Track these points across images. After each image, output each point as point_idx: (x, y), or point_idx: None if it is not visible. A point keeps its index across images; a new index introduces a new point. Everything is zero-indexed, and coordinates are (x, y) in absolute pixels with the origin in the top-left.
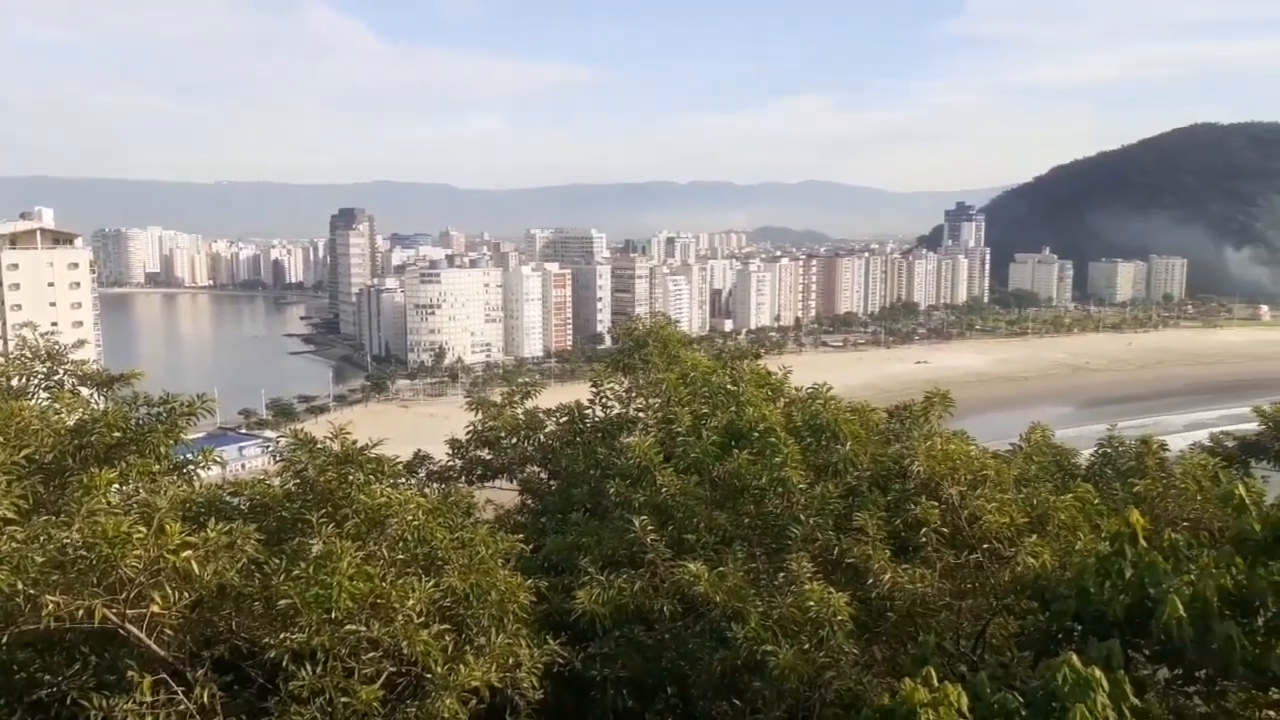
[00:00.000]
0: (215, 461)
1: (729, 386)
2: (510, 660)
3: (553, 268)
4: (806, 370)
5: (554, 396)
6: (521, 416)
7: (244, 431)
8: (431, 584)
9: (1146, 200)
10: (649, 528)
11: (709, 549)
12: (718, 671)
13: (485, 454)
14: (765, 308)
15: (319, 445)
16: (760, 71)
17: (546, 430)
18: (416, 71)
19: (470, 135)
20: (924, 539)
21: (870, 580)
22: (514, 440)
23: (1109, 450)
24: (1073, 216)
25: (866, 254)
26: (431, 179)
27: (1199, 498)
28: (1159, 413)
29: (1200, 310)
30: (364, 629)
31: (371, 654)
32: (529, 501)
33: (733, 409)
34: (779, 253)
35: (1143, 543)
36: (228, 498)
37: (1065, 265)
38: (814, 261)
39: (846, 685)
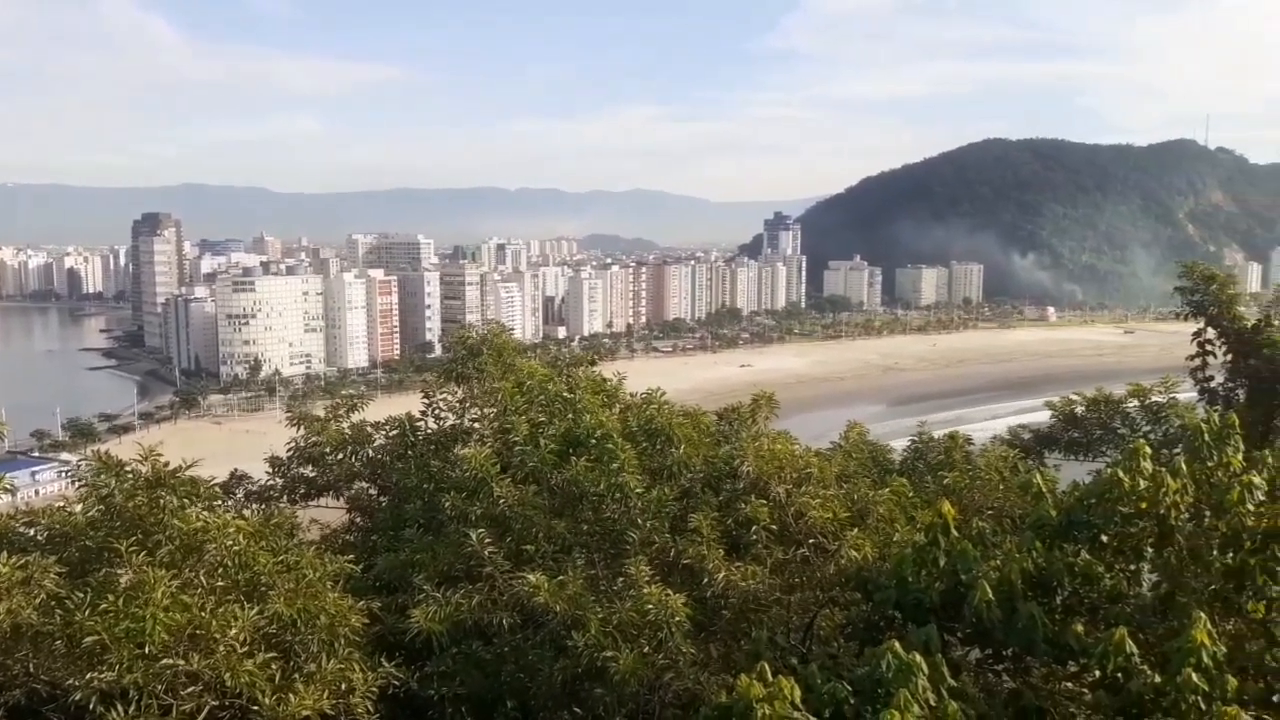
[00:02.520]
0: (4, 489)
1: (565, 394)
2: (343, 685)
3: (377, 274)
4: (639, 376)
5: (382, 408)
6: (347, 430)
7: (37, 455)
8: (255, 611)
9: (946, 209)
10: (486, 540)
11: (548, 558)
12: (558, 681)
13: (309, 471)
14: (598, 314)
15: (126, 468)
16: (586, 80)
17: (375, 444)
18: (224, 69)
19: (285, 136)
20: (754, 536)
21: (706, 580)
22: (340, 456)
23: (920, 445)
24: (881, 225)
25: (693, 262)
26: (244, 182)
27: (1001, 487)
28: (962, 408)
29: (996, 312)
30: (182, 662)
31: (191, 689)
32: (358, 519)
33: (570, 416)
34: (610, 260)
35: (954, 532)
36: (21, 528)
37: (875, 271)
38: (644, 269)
39: (685, 685)
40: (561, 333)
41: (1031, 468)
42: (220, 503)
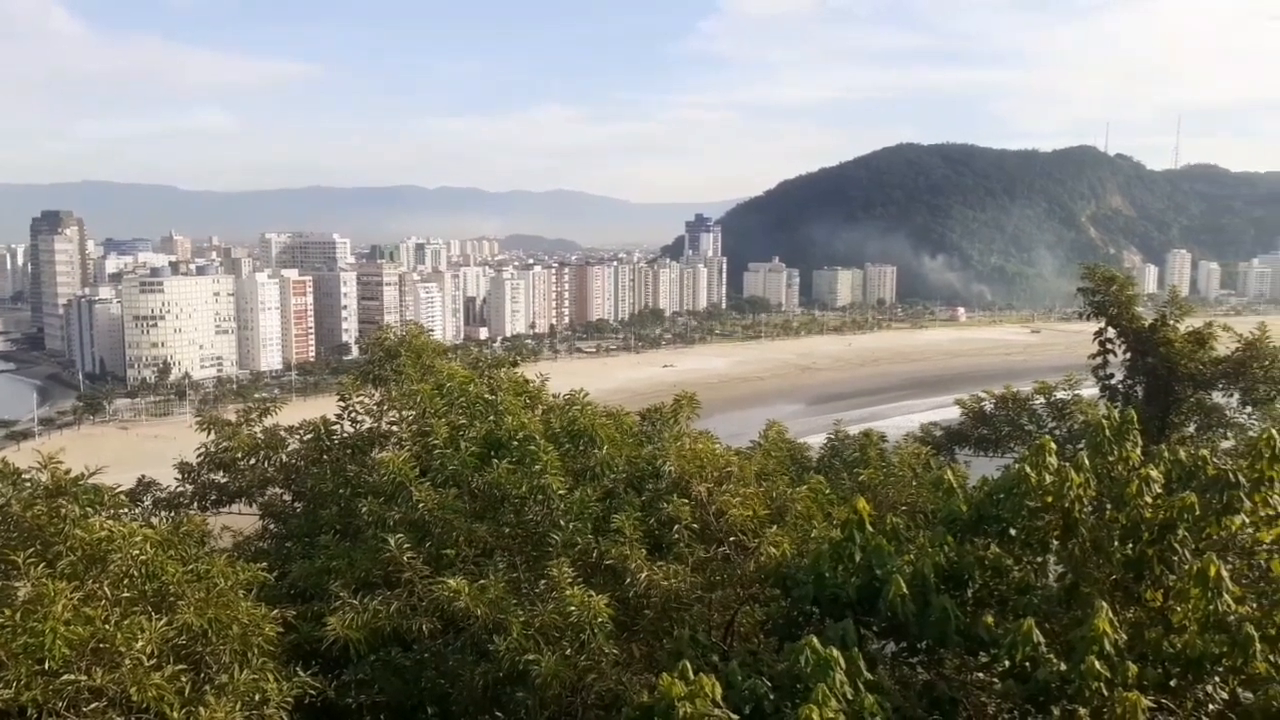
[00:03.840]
0: None
1: (487, 396)
2: (256, 696)
3: (291, 274)
4: (562, 376)
5: (297, 412)
6: (260, 435)
7: None
8: (163, 622)
9: (861, 212)
10: (405, 545)
11: (469, 562)
12: (479, 686)
13: (220, 477)
14: (520, 315)
15: (24, 476)
16: (506, 80)
17: (289, 449)
18: (129, 62)
19: (194, 133)
20: (676, 535)
21: (628, 580)
22: (252, 461)
23: (836, 443)
24: (798, 227)
25: (615, 263)
26: (150, 179)
27: (914, 484)
28: (877, 406)
29: (909, 313)
30: (84, 678)
31: (95, 704)
32: (271, 526)
33: (491, 418)
34: (532, 260)
35: (869, 528)
36: None
37: (793, 273)
38: (566, 270)
39: (608, 686)
40: (483, 334)
41: (943, 464)
42: (126, 511)
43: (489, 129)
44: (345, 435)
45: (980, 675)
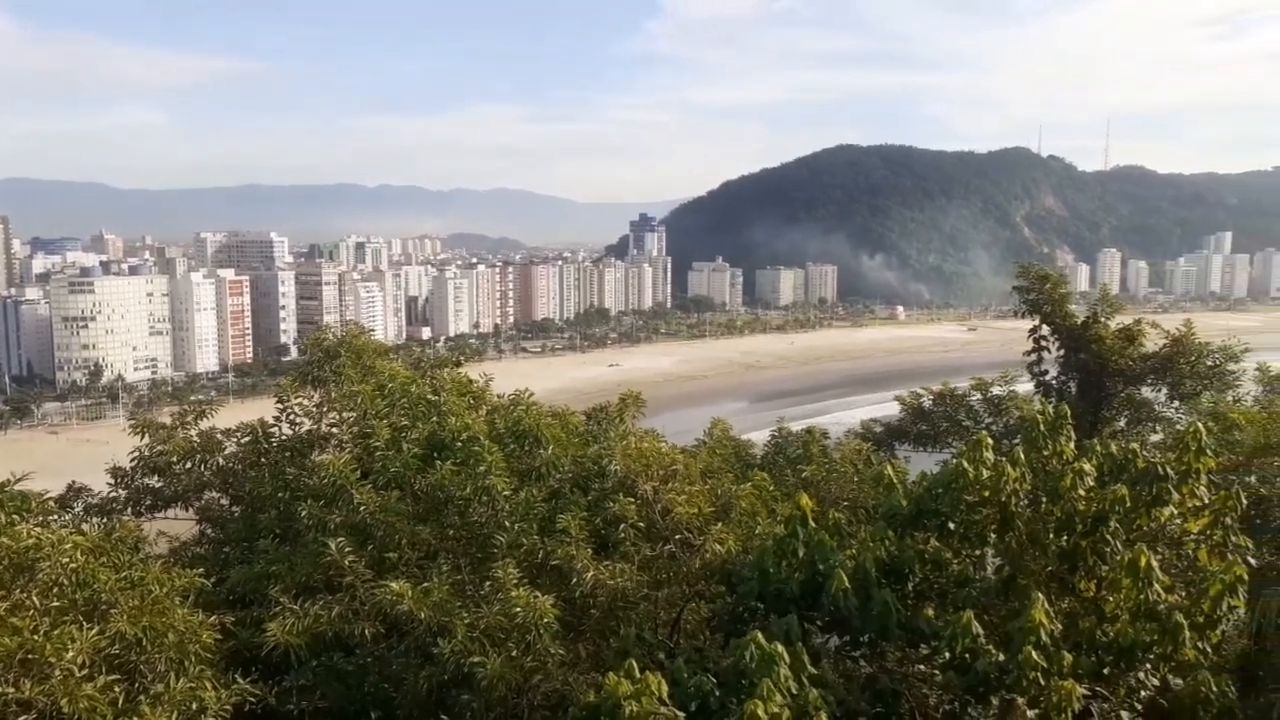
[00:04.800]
0: None
1: (429, 396)
2: (193, 705)
3: (228, 274)
4: (507, 376)
5: (234, 414)
6: (196, 438)
7: None
8: (95, 631)
9: (802, 213)
10: (347, 549)
11: (413, 565)
12: (424, 690)
13: (155, 482)
14: (464, 315)
15: None
16: (448, 78)
17: (226, 452)
18: (57, 57)
19: (125, 130)
20: (622, 534)
21: (574, 580)
22: (188, 465)
23: (780, 440)
24: (741, 227)
25: (560, 262)
26: (80, 176)
27: (855, 479)
28: (819, 403)
29: (850, 312)
30: (12, 690)
31: (24, 717)
32: (209, 531)
33: (434, 419)
34: (475, 260)
35: (812, 524)
36: None
37: (736, 273)
38: (510, 269)
39: (554, 687)
40: (426, 334)
41: (883, 460)
42: (55, 518)
43: (431, 127)
44: (284, 438)
45: (921, 667)
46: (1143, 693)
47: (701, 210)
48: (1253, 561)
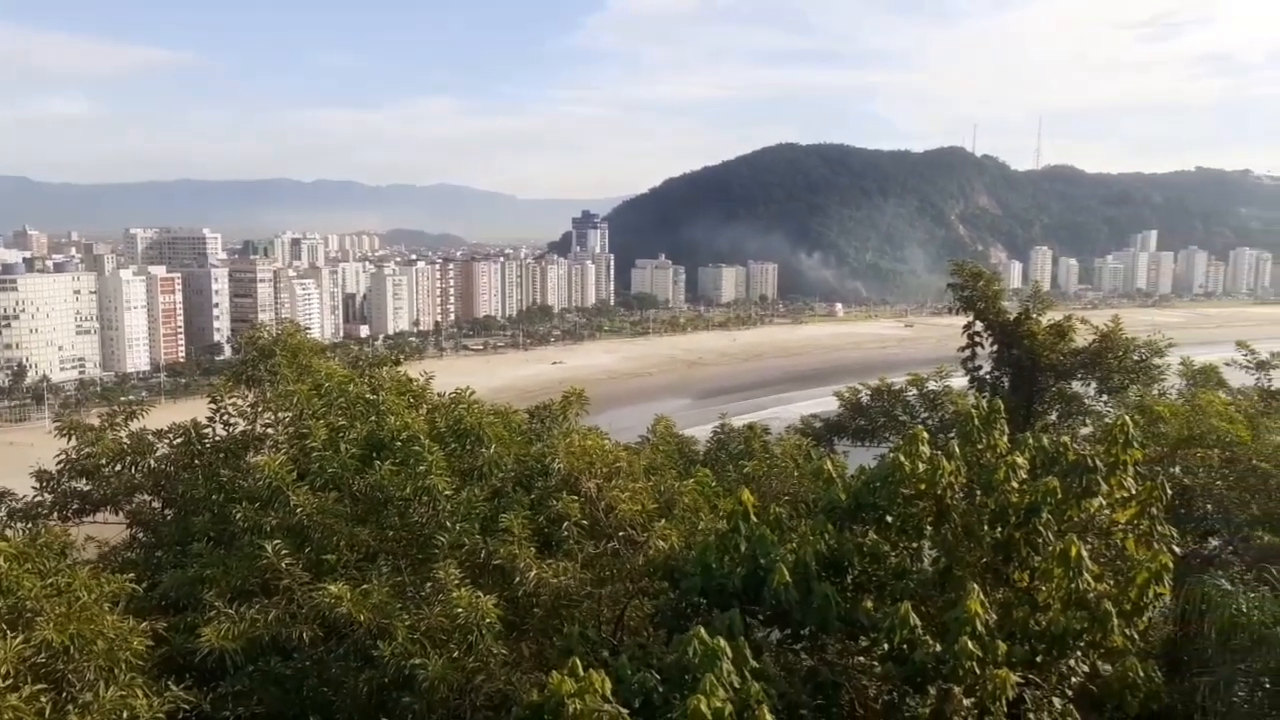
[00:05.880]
0: None
1: (368, 396)
2: (124, 714)
3: (159, 271)
4: (448, 374)
5: (166, 415)
6: (125, 439)
7: None
8: (20, 640)
9: (743, 210)
10: (283, 552)
11: (352, 567)
12: (364, 693)
13: (83, 485)
14: (403, 312)
15: None
16: (384, 71)
17: (157, 454)
18: None
19: (47, 121)
20: (566, 533)
21: (517, 579)
22: (118, 467)
23: (722, 436)
24: (683, 225)
25: (502, 259)
26: (2, 170)
27: (796, 474)
28: (760, 398)
29: (790, 309)
30: None
31: None
32: (140, 535)
33: (373, 419)
34: (414, 256)
35: (753, 519)
36: None
37: (679, 270)
38: (451, 266)
39: (497, 687)
40: (364, 332)
41: (823, 454)
42: None
43: (367, 120)
44: (218, 439)
45: (861, 659)
46: (1074, 679)
47: (644, 207)
48: (1177, 550)
